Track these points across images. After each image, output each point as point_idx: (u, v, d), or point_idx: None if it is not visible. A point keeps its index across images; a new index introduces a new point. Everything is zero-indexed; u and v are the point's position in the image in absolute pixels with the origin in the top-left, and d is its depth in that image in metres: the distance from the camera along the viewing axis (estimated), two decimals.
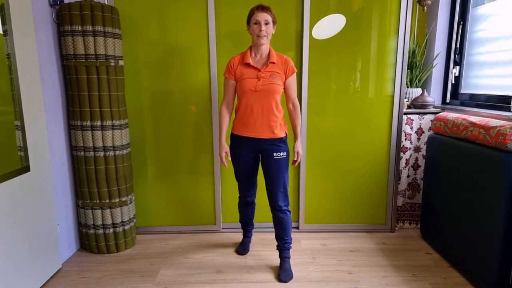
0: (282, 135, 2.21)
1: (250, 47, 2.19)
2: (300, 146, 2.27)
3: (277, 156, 2.18)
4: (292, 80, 2.21)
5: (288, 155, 2.22)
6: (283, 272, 2.23)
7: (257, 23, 2.07)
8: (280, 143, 2.20)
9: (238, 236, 2.78)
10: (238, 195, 2.47)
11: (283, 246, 2.29)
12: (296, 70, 2.20)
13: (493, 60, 2.51)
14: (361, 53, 2.67)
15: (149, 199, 2.86)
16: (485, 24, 2.61)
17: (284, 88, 2.21)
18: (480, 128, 2.07)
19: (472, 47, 2.76)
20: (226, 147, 2.28)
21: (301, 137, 2.71)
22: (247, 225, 2.58)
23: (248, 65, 2.15)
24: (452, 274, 2.28)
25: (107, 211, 2.47)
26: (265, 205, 2.77)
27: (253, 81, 2.12)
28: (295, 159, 2.27)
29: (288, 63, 2.18)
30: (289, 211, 2.24)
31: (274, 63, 2.14)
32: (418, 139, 2.81)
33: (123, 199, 2.51)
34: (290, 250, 2.33)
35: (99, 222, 2.48)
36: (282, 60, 2.17)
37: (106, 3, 2.54)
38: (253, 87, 2.12)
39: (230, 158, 2.31)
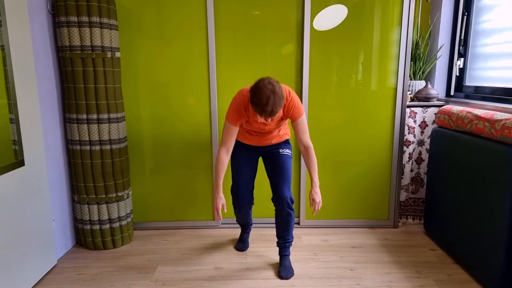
0: (287, 137, 2.27)
1: None
2: (316, 194, 2.05)
3: (283, 152, 2.21)
4: (300, 123, 2.03)
5: (291, 155, 2.25)
6: (283, 269, 2.19)
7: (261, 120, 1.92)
8: (285, 143, 2.26)
9: (238, 232, 2.74)
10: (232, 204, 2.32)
11: (283, 245, 2.25)
12: (303, 113, 2.02)
13: (498, 52, 2.46)
14: (363, 44, 2.62)
15: (146, 194, 2.82)
16: (490, 15, 2.56)
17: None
18: (485, 122, 2.03)
19: (477, 39, 2.70)
20: (223, 199, 2.07)
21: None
22: (245, 226, 2.54)
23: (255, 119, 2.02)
24: (456, 270, 2.24)
25: (104, 206, 2.43)
26: (264, 201, 2.74)
27: (260, 128, 2.10)
28: (312, 206, 2.08)
29: (291, 111, 1.99)
30: (293, 210, 2.17)
31: (280, 115, 2.02)
32: (422, 132, 2.76)
33: (119, 194, 2.47)
34: (291, 247, 2.29)
35: (95, 217, 2.44)
36: (285, 108, 1.99)
37: None
38: (259, 133, 2.17)
39: (226, 211, 2.11)
